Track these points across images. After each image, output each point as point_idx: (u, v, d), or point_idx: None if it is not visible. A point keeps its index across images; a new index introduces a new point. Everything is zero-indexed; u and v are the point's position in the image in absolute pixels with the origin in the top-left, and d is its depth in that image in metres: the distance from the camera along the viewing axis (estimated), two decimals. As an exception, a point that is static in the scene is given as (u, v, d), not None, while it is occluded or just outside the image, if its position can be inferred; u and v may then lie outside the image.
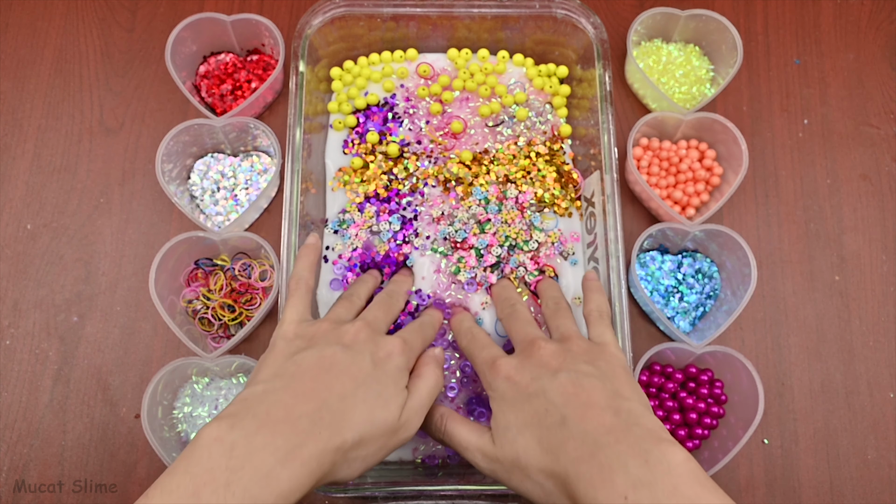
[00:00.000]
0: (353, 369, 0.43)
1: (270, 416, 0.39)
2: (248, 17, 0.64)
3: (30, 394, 0.60)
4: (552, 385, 0.43)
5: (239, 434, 0.37)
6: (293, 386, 0.41)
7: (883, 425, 0.60)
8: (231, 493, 0.35)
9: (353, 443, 0.41)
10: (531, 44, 0.65)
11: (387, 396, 0.43)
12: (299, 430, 0.39)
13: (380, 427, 0.42)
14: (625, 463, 0.37)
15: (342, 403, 0.41)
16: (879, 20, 0.71)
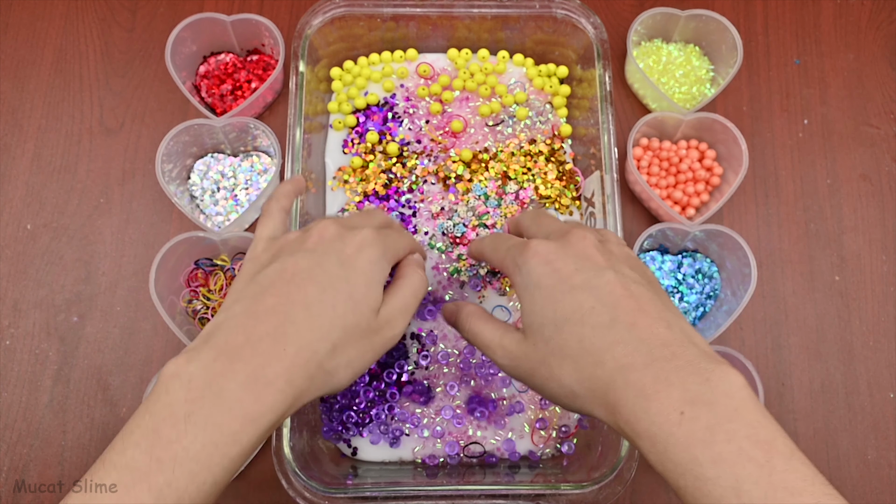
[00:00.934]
0: (318, 274, 0.39)
1: (229, 343, 0.36)
2: (248, 17, 0.64)
3: (30, 394, 0.60)
4: (600, 281, 0.38)
5: (196, 366, 0.35)
6: (253, 307, 0.38)
7: (883, 425, 0.60)
8: (192, 424, 0.33)
9: (327, 352, 0.38)
10: (531, 44, 0.65)
11: (358, 296, 0.39)
12: (260, 351, 0.36)
13: (353, 330, 0.39)
14: (683, 378, 0.34)
15: (307, 313, 0.38)
16: (879, 20, 0.71)
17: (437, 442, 0.56)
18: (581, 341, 0.37)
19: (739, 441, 0.32)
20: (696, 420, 0.32)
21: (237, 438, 0.34)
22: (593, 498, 0.50)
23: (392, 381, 0.56)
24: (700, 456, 0.32)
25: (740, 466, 0.31)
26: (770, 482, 0.31)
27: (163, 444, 0.33)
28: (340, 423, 0.55)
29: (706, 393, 0.33)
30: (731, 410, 0.33)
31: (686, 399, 0.33)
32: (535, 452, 0.56)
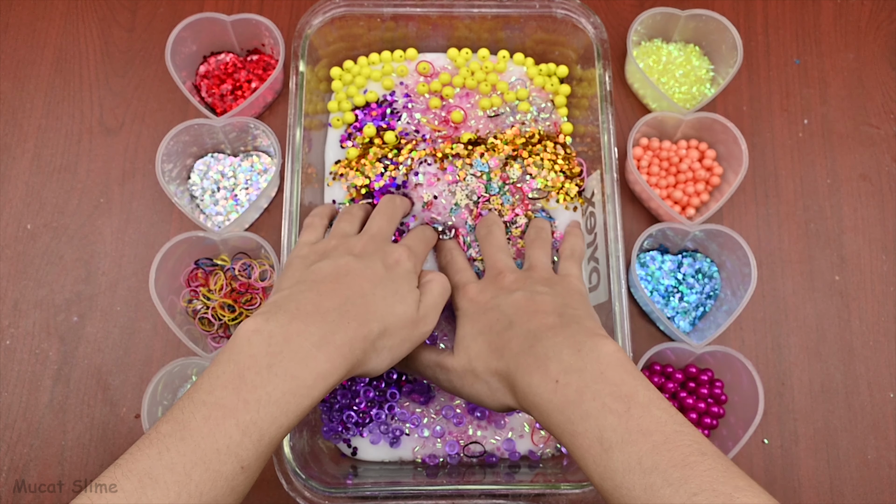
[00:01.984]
0: (368, 273, 0.46)
1: (301, 310, 0.41)
2: (248, 17, 0.64)
3: (30, 394, 0.60)
4: (507, 301, 0.47)
5: (275, 325, 0.40)
6: (317, 287, 0.44)
7: (883, 425, 0.60)
8: (274, 374, 0.38)
9: (379, 332, 0.43)
10: (531, 43, 0.65)
11: (403, 293, 0.46)
12: (329, 320, 0.41)
13: (401, 318, 0.45)
14: (559, 352, 0.41)
15: (364, 300, 0.44)
16: (879, 20, 0.71)
17: (437, 442, 0.56)
18: (489, 345, 0.45)
19: (603, 398, 0.38)
20: (568, 386, 0.39)
21: (309, 392, 0.39)
22: (593, 498, 0.50)
23: (392, 381, 0.56)
24: (572, 415, 0.38)
25: (603, 418, 0.37)
26: (626, 427, 0.36)
27: (248, 387, 0.37)
28: (340, 422, 0.55)
29: (577, 362, 0.40)
30: (598, 374, 0.39)
31: (561, 370, 0.40)
32: (535, 452, 0.56)
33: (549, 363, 0.41)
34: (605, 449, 0.36)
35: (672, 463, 0.34)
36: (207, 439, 0.35)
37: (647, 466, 0.35)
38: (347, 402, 0.56)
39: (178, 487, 0.34)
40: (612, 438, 0.36)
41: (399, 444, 0.56)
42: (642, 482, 0.34)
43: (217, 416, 0.36)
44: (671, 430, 0.36)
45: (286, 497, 0.50)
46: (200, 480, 0.34)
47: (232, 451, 0.35)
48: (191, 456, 0.35)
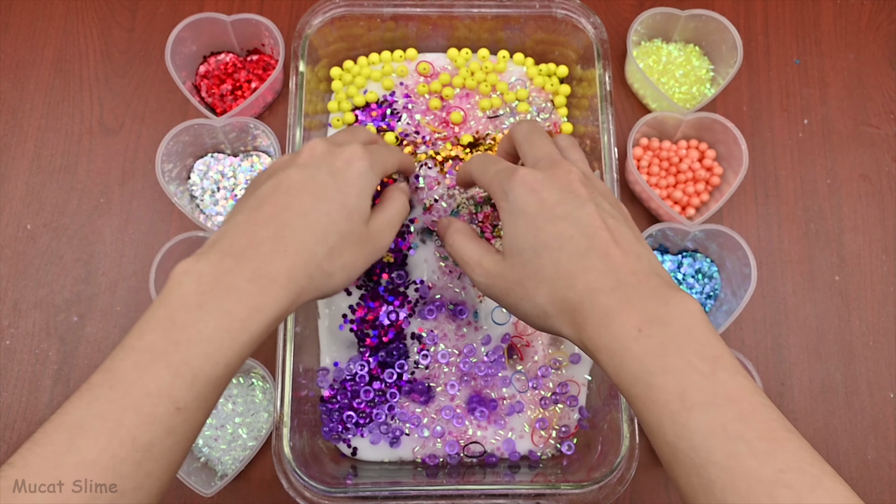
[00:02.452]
0: (311, 185, 0.42)
1: (233, 246, 0.40)
2: (248, 17, 0.64)
3: (30, 394, 0.60)
4: (581, 213, 0.40)
5: (205, 264, 0.38)
6: (253, 216, 0.41)
7: (883, 425, 0.60)
8: (204, 312, 0.36)
9: (324, 254, 0.41)
10: (531, 43, 0.65)
11: (350, 206, 0.43)
12: (262, 252, 0.39)
13: (347, 236, 0.42)
14: (644, 301, 0.37)
15: (304, 219, 0.41)
16: (879, 20, 0.71)
17: (437, 442, 0.56)
18: (557, 266, 0.40)
19: (688, 355, 0.35)
20: (652, 337, 0.36)
21: (245, 326, 0.37)
22: (593, 498, 0.50)
23: (392, 381, 0.56)
24: (651, 367, 0.35)
25: (687, 376, 0.34)
26: (713, 390, 0.34)
27: (178, 328, 0.36)
28: (340, 422, 0.55)
29: (663, 314, 0.37)
30: (685, 330, 0.36)
31: (645, 319, 0.36)
32: (535, 452, 0.56)
33: (632, 309, 0.37)
34: (687, 408, 0.34)
35: (759, 434, 0.33)
36: (137, 384, 0.35)
37: (731, 433, 0.33)
38: (347, 402, 0.56)
39: (108, 434, 0.33)
40: (696, 398, 0.34)
41: (399, 444, 0.56)
42: (725, 448, 0.32)
43: (146, 360, 0.35)
44: (757, 401, 0.34)
45: (286, 497, 0.50)
46: (132, 425, 0.34)
47: (164, 393, 0.35)
48: (120, 402, 0.34)
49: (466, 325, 0.58)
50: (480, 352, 0.57)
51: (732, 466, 0.32)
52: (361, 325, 0.57)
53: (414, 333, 0.57)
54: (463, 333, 0.57)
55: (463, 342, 0.57)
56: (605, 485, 0.50)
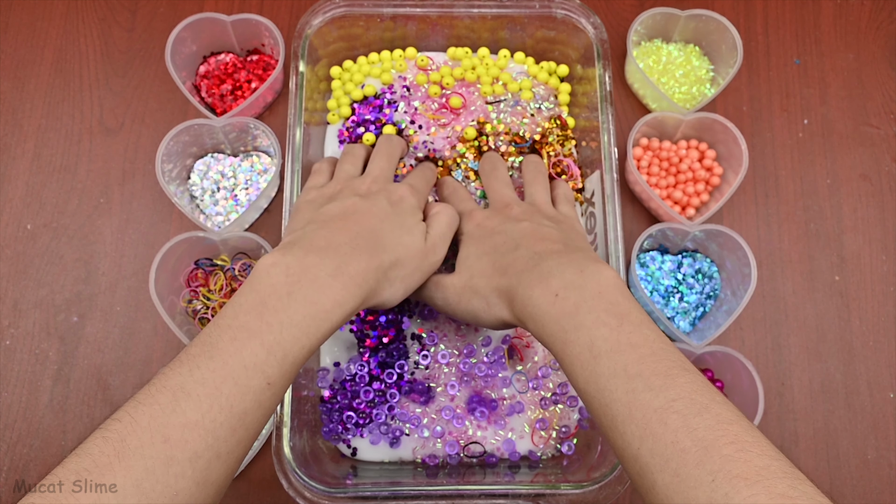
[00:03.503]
0: (375, 210, 0.48)
1: (314, 245, 0.44)
2: (248, 17, 0.64)
3: (30, 394, 0.60)
4: (514, 227, 0.50)
5: (291, 258, 0.42)
6: (327, 225, 0.46)
7: (883, 425, 0.60)
8: (293, 300, 0.40)
9: (391, 263, 0.46)
10: (531, 43, 0.65)
11: (409, 226, 0.49)
12: (342, 253, 0.44)
13: (409, 249, 0.48)
14: (562, 271, 0.43)
15: (373, 234, 0.46)
16: (879, 20, 0.71)
17: (437, 442, 0.56)
18: (493, 264, 0.48)
19: (598, 313, 0.40)
20: (567, 300, 0.41)
21: (328, 316, 0.41)
22: (593, 498, 0.50)
23: (392, 381, 0.56)
24: (566, 325, 0.40)
25: (595, 329, 0.39)
26: (617, 339, 0.38)
27: (270, 312, 0.39)
28: (340, 423, 0.55)
29: (578, 280, 0.42)
30: (596, 293, 0.41)
31: (561, 285, 0.42)
32: (535, 452, 0.56)
33: (551, 279, 0.43)
34: (594, 356, 0.38)
35: (655, 372, 0.36)
36: (235, 357, 0.37)
37: (631, 373, 0.37)
38: (347, 403, 0.56)
39: (209, 400, 0.36)
40: (602, 347, 0.38)
41: (399, 444, 0.56)
42: (625, 386, 0.37)
43: (243, 337, 0.38)
44: (658, 346, 0.38)
45: (286, 497, 0.50)
46: (230, 394, 0.36)
47: (258, 368, 0.38)
48: (220, 372, 0.37)
49: (466, 326, 0.58)
50: (480, 352, 0.57)
51: (630, 401, 0.36)
52: (361, 326, 0.57)
53: (414, 334, 0.57)
54: (463, 334, 0.57)
55: (463, 342, 0.57)
56: (605, 485, 0.50)
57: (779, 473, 0.32)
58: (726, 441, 0.33)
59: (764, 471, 0.32)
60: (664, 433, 0.34)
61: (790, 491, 0.31)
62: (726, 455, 0.32)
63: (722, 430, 0.34)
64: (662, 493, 0.34)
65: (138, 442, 0.34)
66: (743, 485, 0.31)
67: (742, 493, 0.31)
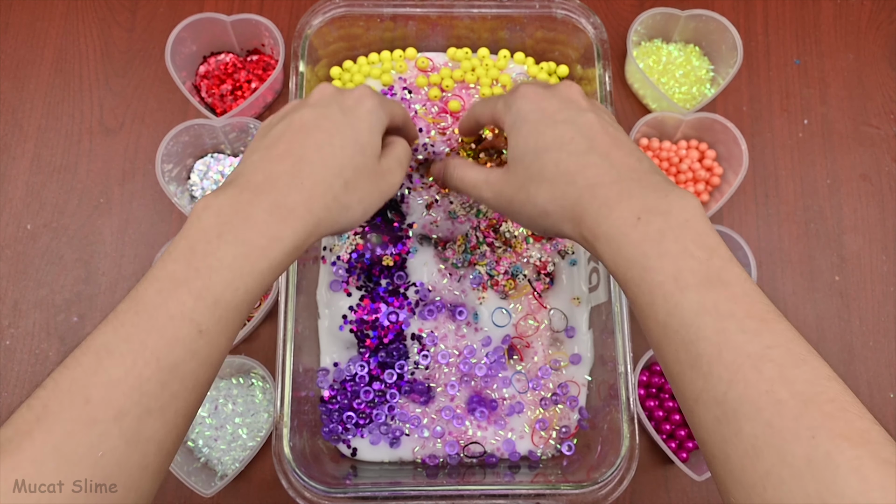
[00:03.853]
0: (324, 123, 0.43)
1: (250, 181, 0.40)
2: (248, 18, 0.64)
3: (30, 394, 0.60)
4: (581, 119, 0.42)
5: (223, 199, 0.39)
6: (268, 153, 0.42)
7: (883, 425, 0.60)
8: (224, 241, 0.37)
9: (340, 187, 0.42)
10: (531, 43, 0.65)
11: (364, 142, 0.43)
12: (279, 185, 0.40)
13: (362, 170, 0.43)
14: (645, 193, 0.38)
15: (319, 154, 0.42)
16: (879, 20, 0.71)
17: (437, 442, 0.56)
18: (557, 165, 0.41)
19: (685, 242, 0.36)
20: (650, 224, 0.37)
21: (265, 254, 0.38)
22: (593, 498, 0.50)
23: (392, 381, 0.56)
24: (649, 251, 0.36)
25: (683, 260, 0.35)
26: (706, 273, 0.35)
27: (198, 257, 0.37)
28: (340, 423, 0.55)
29: (663, 205, 0.37)
30: (683, 220, 0.37)
31: (644, 208, 0.37)
32: (535, 453, 0.56)
33: (632, 199, 0.38)
34: (681, 288, 0.35)
35: (749, 314, 0.33)
36: (161, 309, 0.36)
37: (723, 311, 0.34)
38: (347, 403, 0.56)
39: (133, 356, 0.35)
40: (690, 280, 0.35)
41: (399, 444, 0.56)
42: (715, 325, 0.33)
43: (169, 287, 0.37)
44: (750, 287, 0.35)
45: (286, 497, 0.50)
46: (156, 347, 0.35)
47: (186, 317, 0.36)
48: (145, 325, 0.36)
49: (466, 326, 0.58)
50: (480, 352, 0.57)
51: (721, 341, 0.33)
52: (361, 326, 0.57)
53: (414, 334, 0.57)
54: (463, 334, 0.57)
55: (463, 343, 0.57)
56: (604, 485, 0.50)
57: (881, 439, 0.30)
58: (826, 398, 0.31)
59: (866, 434, 0.30)
60: (758, 381, 0.31)
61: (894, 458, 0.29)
62: (827, 412, 0.30)
63: (822, 386, 0.31)
64: (749, 444, 0.31)
65: (59, 406, 0.33)
66: (847, 445, 0.29)
67: (846, 454, 0.29)
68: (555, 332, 0.58)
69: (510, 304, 0.58)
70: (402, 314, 0.57)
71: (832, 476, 0.29)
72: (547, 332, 0.58)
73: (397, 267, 0.58)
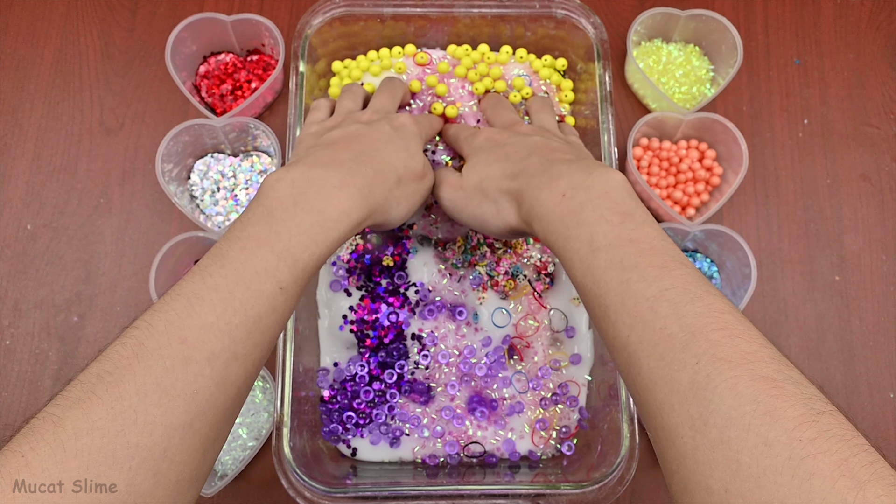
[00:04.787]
0: (377, 133, 0.49)
1: (318, 161, 0.44)
2: (248, 17, 0.64)
3: (30, 394, 0.60)
4: (525, 139, 0.50)
5: (296, 173, 0.43)
6: (331, 146, 0.47)
7: (883, 425, 0.60)
8: (300, 209, 0.41)
9: (395, 181, 0.47)
10: (532, 41, 0.65)
11: (413, 150, 0.50)
12: (346, 168, 0.44)
13: (412, 170, 0.49)
14: (571, 173, 0.43)
15: (377, 152, 0.47)
16: (879, 20, 0.71)
17: (437, 442, 0.56)
18: (504, 170, 0.47)
19: (601, 211, 0.40)
20: (573, 199, 0.41)
21: (336, 224, 0.42)
22: (593, 498, 0.50)
23: (392, 381, 0.56)
24: (569, 223, 0.41)
25: (597, 226, 0.39)
26: (617, 235, 0.38)
27: (278, 222, 0.40)
28: (340, 423, 0.55)
29: (586, 181, 0.42)
30: (603, 192, 0.41)
31: (569, 186, 0.42)
32: (535, 452, 0.56)
33: (559, 180, 0.43)
34: (593, 250, 0.39)
35: (651, 264, 0.36)
36: (245, 265, 0.38)
37: (627, 265, 0.37)
38: (347, 403, 0.56)
39: (223, 304, 0.36)
40: (601, 242, 0.39)
41: (399, 444, 0.56)
42: (619, 277, 0.37)
43: (252, 246, 0.39)
44: (658, 243, 0.38)
45: (286, 497, 0.50)
46: (243, 298, 0.37)
47: (269, 273, 0.38)
48: (232, 277, 0.37)
49: (466, 326, 0.58)
50: (480, 352, 0.57)
51: (623, 291, 0.36)
52: (361, 326, 0.57)
53: (414, 334, 0.57)
54: (463, 334, 0.57)
55: (463, 343, 0.57)
56: (605, 485, 0.50)
57: (766, 358, 0.33)
58: (715, 328, 0.33)
59: (750, 356, 0.32)
60: (654, 320, 0.34)
61: (775, 374, 0.32)
62: (713, 340, 0.33)
63: (712, 318, 0.34)
64: (647, 378, 0.34)
65: (156, 344, 0.34)
66: (726, 367, 0.31)
67: (724, 374, 0.31)
68: (555, 332, 0.58)
69: (510, 304, 0.58)
70: (402, 314, 0.57)
71: (710, 396, 0.31)
72: (547, 332, 0.58)
73: (397, 267, 0.58)
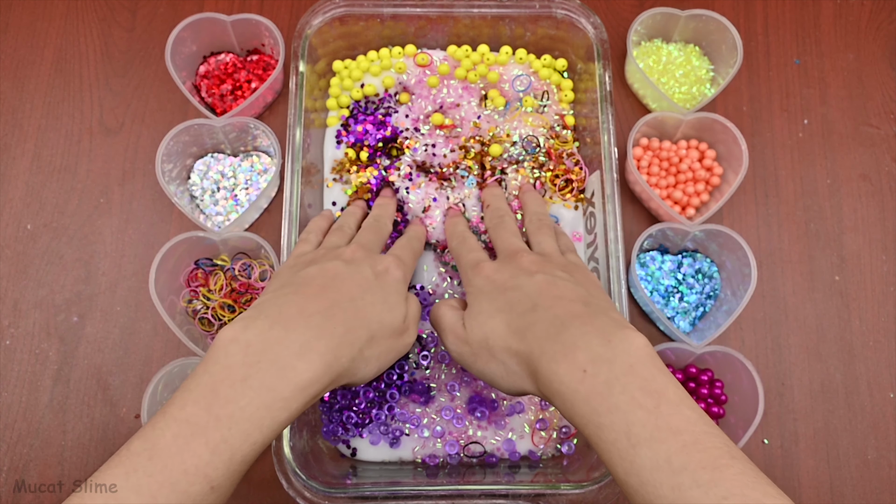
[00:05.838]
0: (357, 278, 0.45)
1: (283, 314, 0.40)
2: (248, 17, 0.64)
3: (30, 394, 0.60)
4: (529, 282, 0.45)
5: (253, 333, 0.39)
6: (302, 291, 0.43)
7: (883, 425, 0.60)
8: (248, 387, 0.37)
9: (367, 339, 0.43)
10: (532, 41, 0.65)
11: (392, 302, 0.46)
12: (312, 325, 0.40)
13: (388, 327, 0.45)
14: (588, 342, 0.39)
15: (352, 304, 0.43)
16: (879, 20, 0.71)
17: (437, 442, 0.56)
18: (509, 324, 0.43)
19: (632, 391, 0.36)
20: (597, 376, 0.38)
21: (287, 404, 0.37)
22: (593, 498, 0.50)
23: (392, 381, 0.56)
24: (598, 407, 0.37)
25: (631, 413, 0.36)
26: (656, 424, 0.35)
27: (220, 402, 0.36)
28: (340, 423, 0.55)
29: (607, 353, 0.38)
30: (628, 366, 0.38)
31: (589, 359, 0.38)
32: (535, 452, 0.56)
33: (577, 352, 0.39)
34: (633, 444, 0.35)
35: (702, 464, 0.34)
36: (175, 459, 0.35)
37: (676, 466, 0.34)
38: (347, 403, 0.56)
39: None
40: (641, 434, 0.35)
41: (399, 444, 0.56)
42: (670, 481, 0.34)
43: (186, 434, 0.35)
44: (701, 430, 0.35)
45: (286, 497, 0.50)
46: (166, 502, 0.34)
47: (201, 472, 0.35)
48: (158, 477, 0.34)
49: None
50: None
51: (678, 498, 0.33)
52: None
53: (414, 333, 0.57)
54: (463, 333, 0.57)
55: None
56: (605, 485, 0.50)
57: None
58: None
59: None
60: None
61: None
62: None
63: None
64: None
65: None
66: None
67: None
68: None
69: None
70: None
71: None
72: None
73: None
